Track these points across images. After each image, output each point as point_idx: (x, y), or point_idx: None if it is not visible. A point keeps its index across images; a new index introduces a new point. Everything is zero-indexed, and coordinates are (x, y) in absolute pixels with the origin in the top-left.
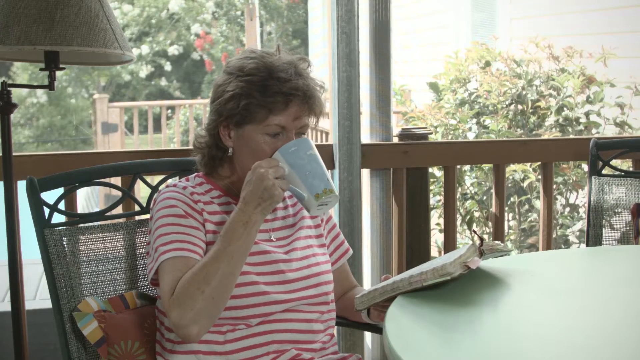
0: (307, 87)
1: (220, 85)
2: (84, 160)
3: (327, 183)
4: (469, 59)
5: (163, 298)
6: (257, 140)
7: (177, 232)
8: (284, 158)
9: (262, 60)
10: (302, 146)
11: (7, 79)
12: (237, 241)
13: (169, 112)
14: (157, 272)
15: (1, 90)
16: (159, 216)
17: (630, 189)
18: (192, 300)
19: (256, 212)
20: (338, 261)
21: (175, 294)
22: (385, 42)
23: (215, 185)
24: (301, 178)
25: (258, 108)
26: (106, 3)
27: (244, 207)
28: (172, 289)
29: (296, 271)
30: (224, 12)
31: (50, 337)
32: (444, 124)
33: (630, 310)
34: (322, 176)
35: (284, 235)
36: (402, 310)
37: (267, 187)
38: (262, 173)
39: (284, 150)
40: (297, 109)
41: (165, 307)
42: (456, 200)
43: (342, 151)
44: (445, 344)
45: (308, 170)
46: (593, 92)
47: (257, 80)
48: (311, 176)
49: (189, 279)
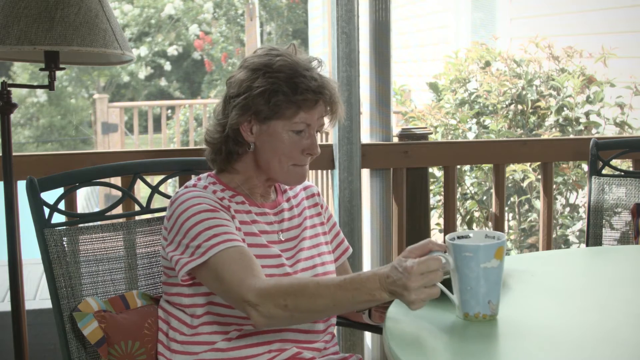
0: (332, 88)
1: (244, 80)
2: (84, 160)
3: (485, 307)
4: (468, 59)
5: (232, 285)
6: (282, 137)
7: (216, 225)
8: (454, 257)
9: (289, 57)
10: (481, 256)
11: (7, 79)
12: (352, 299)
13: (169, 112)
14: (199, 267)
15: (1, 90)
16: (189, 214)
17: (630, 189)
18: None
19: (388, 297)
20: (339, 259)
21: (265, 284)
22: (385, 42)
23: (227, 186)
24: (460, 287)
25: (289, 104)
26: (106, 3)
27: (381, 289)
28: (251, 275)
29: (301, 272)
30: (224, 12)
31: (50, 337)
32: (444, 124)
33: (630, 310)
34: (484, 297)
35: (292, 236)
36: (402, 310)
37: (406, 287)
38: (408, 268)
39: (458, 250)
40: (323, 107)
41: (238, 292)
42: (456, 200)
43: (342, 151)
44: (445, 345)
45: (471, 285)
46: (593, 92)
47: (286, 77)
48: (470, 293)
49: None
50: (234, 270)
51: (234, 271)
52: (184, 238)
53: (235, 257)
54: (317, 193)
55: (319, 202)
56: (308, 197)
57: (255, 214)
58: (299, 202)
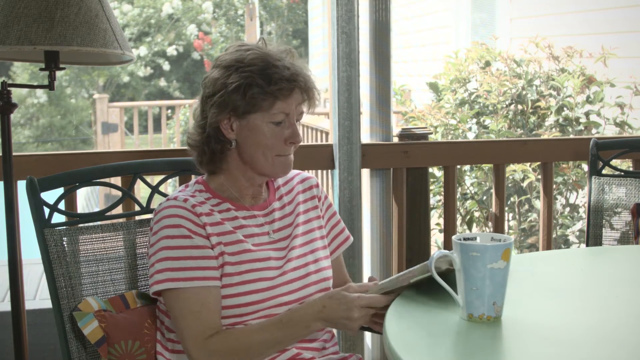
0: (305, 75)
1: (217, 79)
2: (84, 160)
3: (490, 309)
4: (468, 59)
5: (184, 334)
6: (262, 129)
7: (183, 257)
8: (460, 255)
9: (260, 50)
10: (488, 256)
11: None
12: (291, 335)
13: (169, 112)
14: (161, 292)
15: (1, 90)
16: (163, 235)
17: (630, 189)
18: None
19: (321, 325)
20: (335, 251)
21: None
22: (385, 42)
23: (213, 193)
24: (465, 287)
25: (265, 96)
26: (106, 3)
27: (315, 319)
28: (199, 332)
29: (294, 270)
30: (224, 12)
31: (50, 337)
32: (444, 124)
33: (630, 310)
34: (490, 298)
35: (284, 236)
36: (402, 310)
37: (349, 318)
38: (352, 300)
39: (465, 249)
40: (299, 95)
41: (188, 345)
42: (456, 200)
43: (342, 151)
44: (445, 344)
45: (477, 285)
46: (593, 92)
47: (259, 70)
48: (476, 294)
49: (232, 344)
50: (188, 321)
51: (188, 323)
52: (153, 255)
53: (191, 302)
54: (316, 184)
55: (316, 194)
56: (305, 190)
57: (243, 218)
58: (292, 198)
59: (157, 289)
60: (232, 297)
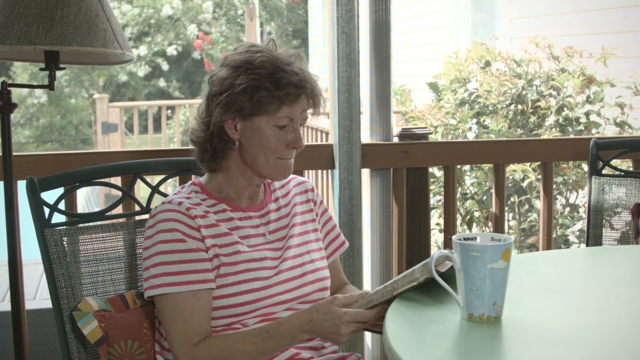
0: (313, 81)
1: (225, 78)
2: (84, 160)
3: (490, 309)
4: (468, 59)
5: (173, 339)
6: (266, 132)
7: (179, 260)
8: (460, 255)
9: (270, 53)
10: (488, 256)
11: (7, 79)
12: (277, 346)
13: (169, 112)
14: (153, 296)
15: (1, 90)
16: (158, 240)
17: (630, 189)
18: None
19: (308, 336)
20: (331, 256)
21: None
22: (385, 42)
23: (209, 194)
24: (465, 287)
25: (271, 100)
26: (106, 3)
27: (302, 331)
28: (188, 338)
29: (290, 270)
30: (224, 12)
31: (50, 337)
32: (444, 124)
33: (630, 310)
34: (490, 298)
35: (280, 237)
36: (402, 310)
37: (336, 333)
38: (340, 316)
39: (465, 249)
40: (305, 101)
41: (176, 350)
42: (456, 200)
43: (342, 151)
44: (445, 344)
45: (477, 285)
46: (593, 92)
47: (267, 73)
48: (476, 294)
49: (216, 353)
50: (178, 326)
51: (178, 328)
52: (148, 259)
53: (182, 307)
54: (312, 188)
55: (312, 197)
56: (301, 192)
57: (239, 219)
58: (289, 201)
59: (152, 293)
60: (228, 297)
